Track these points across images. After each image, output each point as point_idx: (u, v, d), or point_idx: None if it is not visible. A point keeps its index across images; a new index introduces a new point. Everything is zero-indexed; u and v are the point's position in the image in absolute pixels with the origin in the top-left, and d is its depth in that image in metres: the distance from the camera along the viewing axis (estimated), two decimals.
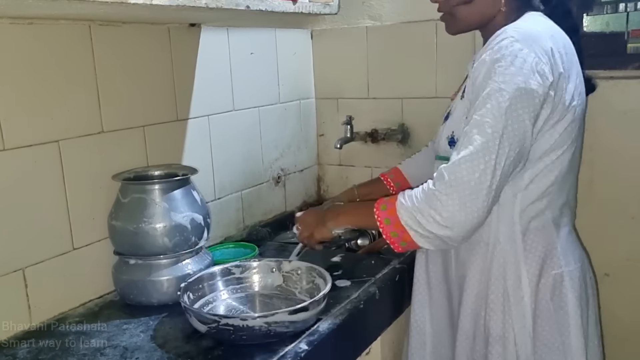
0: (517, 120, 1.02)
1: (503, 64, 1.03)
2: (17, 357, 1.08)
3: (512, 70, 1.02)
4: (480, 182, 1.01)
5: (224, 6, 1.14)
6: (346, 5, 1.80)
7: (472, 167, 1.01)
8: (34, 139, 1.19)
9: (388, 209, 1.10)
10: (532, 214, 1.14)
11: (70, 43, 1.24)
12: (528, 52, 1.03)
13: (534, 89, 1.02)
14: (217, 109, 1.66)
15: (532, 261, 1.15)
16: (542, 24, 1.12)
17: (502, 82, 1.02)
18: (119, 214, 1.26)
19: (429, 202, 1.04)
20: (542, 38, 1.07)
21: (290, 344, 1.06)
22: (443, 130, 1.21)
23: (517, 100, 1.02)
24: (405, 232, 1.07)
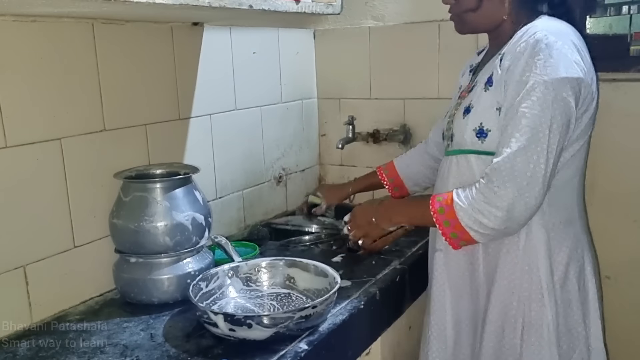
0: (564, 107, 1.07)
1: (542, 56, 1.07)
2: (17, 355, 1.08)
3: (551, 61, 1.06)
4: (536, 172, 1.06)
5: (227, 5, 1.14)
6: (349, 5, 1.80)
7: (526, 159, 1.06)
8: (36, 136, 1.19)
9: (446, 212, 1.14)
10: (559, 206, 1.18)
11: (73, 41, 1.24)
12: (562, 44, 1.08)
13: (574, 77, 1.08)
14: (219, 108, 1.66)
15: (560, 251, 1.19)
16: (565, 25, 1.16)
17: (545, 74, 1.06)
18: (120, 212, 1.26)
19: (487, 199, 1.09)
20: (570, 35, 1.12)
21: (290, 344, 1.06)
22: (467, 123, 1.20)
23: (561, 89, 1.06)
24: (466, 232, 1.12)
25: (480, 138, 1.17)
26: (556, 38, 1.08)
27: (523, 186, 1.06)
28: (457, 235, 1.14)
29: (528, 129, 1.06)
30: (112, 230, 1.29)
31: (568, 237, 1.20)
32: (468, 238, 1.14)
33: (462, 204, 1.11)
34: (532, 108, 1.06)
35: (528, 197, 1.07)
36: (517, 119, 1.08)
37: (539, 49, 1.07)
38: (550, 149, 1.07)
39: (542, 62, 1.07)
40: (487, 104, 1.17)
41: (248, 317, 1.05)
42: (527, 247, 1.18)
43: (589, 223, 1.63)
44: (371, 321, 1.30)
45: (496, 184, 1.07)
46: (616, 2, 1.55)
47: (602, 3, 1.58)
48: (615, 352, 1.67)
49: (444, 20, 1.70)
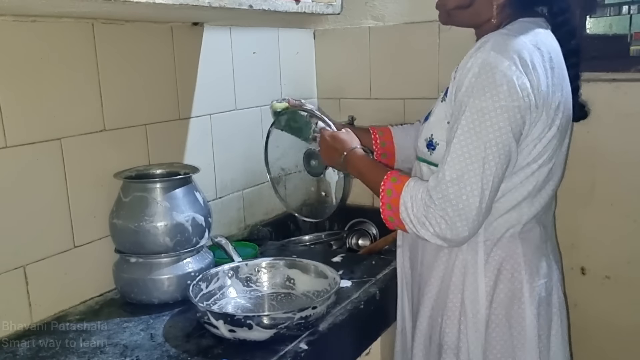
0: (501, 138, 1.02)
1: (484, 78, 1.02)
2: (17, 355, 1.08)
3: (493, 85, 1.01)
4: (469, 203, 1.03)
5: (227, 5, 1.14)
6: (349, 5, 1.80)
7: (459, 190, 1.03)
8: (36, 136, 1.19)
9: (392, 197, 1.12)
10: (498, 226, 1.13)
11: (73, 41, 1.24)
12: (509, 65, 1.01)
13: (515, 105, 1.01)
14: (219, 108, 1.66)
15: (491, 273, 1.14)
16: (530, 34, 1.08)
17: (483, 100, 1.01)
18: (120, 212, 1.26)
19: (424, 215, 1.06)
20: (524, 51, 1.04)
21: (290, 344, 1.06)
22: (422, 132, 1.19)
23: (499, 118, 1.01)
24: (402, 224, 1.12)
25: (429, 149, 1.15)
26: (504, 57, 1.01)
27: (455, 216, 1.03)
28: (393, 220, 1.13)
29: (462, 159, 1.02)
30: (112, 230, 1.29)
31: (501, 258, 1.14)
32: (402, 227, 1.12)
33: (407, 201, 1.09)
34: (467, 136, 1.02)
35: (459, 227, 1.03)
36: (453, 145, 1.04)
37: (482, 71, 1.02)
38: (486, 180, 1.02)
39: (482, 86, 1.01)
40: (440, 115, 1.14)
41: (248, 317, 1.05)
42: (457, 265, 1.15)
43: (588, 223, 1.64)
44: (371, 321, 1.30)
45: (431, 205, 1.05)
46: (616, 2, 1.56)
47: (602, 3, 1.58)
48: (615, 352, 1.68)
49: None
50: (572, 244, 1.66)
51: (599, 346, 1.68)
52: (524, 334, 1.14)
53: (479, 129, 1.02)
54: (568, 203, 1.61)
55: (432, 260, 1.20)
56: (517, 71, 1.01)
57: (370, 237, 1.90)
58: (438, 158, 1.11)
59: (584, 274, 1.69)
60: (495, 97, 1.01)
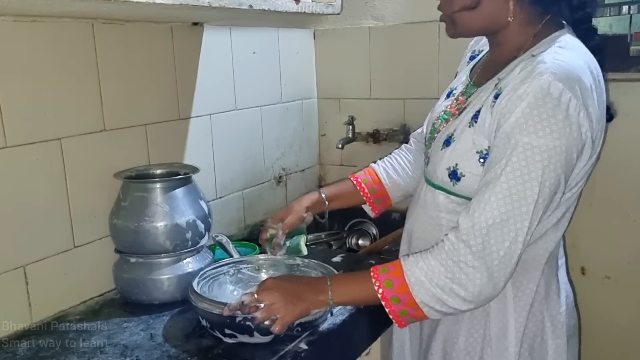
0: (554, 179, 0.91)
1: (543, 111, 0.89)
2: (17, 355, 1.08)
3: (551, 122, 0.89)
4: (511, 251, 0.92)
5: (226, 5, 1.14)
6: (349, 5, 1.80)
7: (502, 236, 0.91)
8: (36, 136, 1.19)
9: (396, 286, 0.97)
10: (526, 257, 1.00)
11: (73, 41, 1.24)
12: (571, 98, 0.89)
13: (572, 145, 0.91)
14: (219, 108, 1.66)
15: (521, 308, 1.04)
16: (582, 54, 0.97)
17: (541, 136, 0.89)
18: (120, 212, 1.26)
19: (452, 276, 0.93)
20: (584, 75, 0.92)
21: (290, 344, 1.06)
22: (443, 158, 1.05)
23: (555, 160, 0.90)
24: (420, 310, 0.97)
25: (452, 179, 1.03)
26: (565, 86, 0.89)
27: (494, 266, 0.92)
28: (407, 313, 0.98)
29: (509, 201, 0.90)
30: (112, 231, 1.29)
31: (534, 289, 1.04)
32: (420, 315, 0.98)
33: (419, 277, 0.95)
34: (517, 176, 0.90)
35: (497, 278, 0.92)
36: (498, 184, 0.91)
37: (540, 102, 0.89)
38: (532, 224, 0.92)
39: (540, 120, 0.89)
40: (468, 143, 1.00)
41: (247, 318, 1.04)
42: None
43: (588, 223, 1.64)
44: (371, 321, 1.30)
45: (463, 259, 0.92)
46: (616, 2, 1.56)
47: (602, 3, 1.58)
48: (615, 352, 1.68)
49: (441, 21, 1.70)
50: (572, 244, 1.66)
51: (599, 346, 1.68)
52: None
53: (532, 168, 0.89)
54: None
55: None
56: (577, 104, 0.90)
57: (370, 237, 1.90)
58: (463, 190, 1.01)
59: (584, 274, 1.69)
60: (555, 135, 0.89)
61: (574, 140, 0.91)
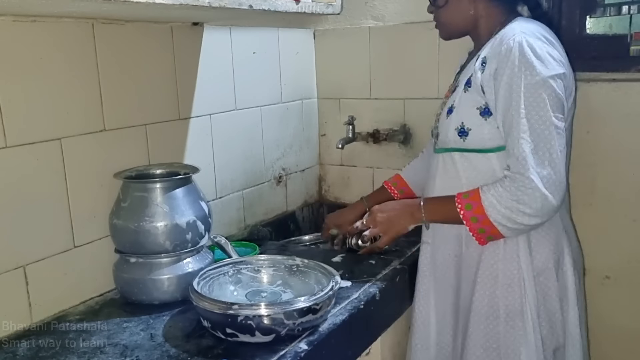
0: (558, 101, 1.15)
1: (528, 58, 1.14)
2: (17, 355, 1.08)
3: (537, 62, 1.13)
4: (553, 168, 1.13)
5: (227, 5, 1.14)
6: (349, 5, 1.80)
7: (540, 159, 1.13)
8: (36, 136, 1.19)
9: (474, 208, 1.19)
10: None
11: (73, 41, 1.24)
12: (542, 44, 1.16)
13: (560, 72, 1.16)
14: (219, 108, 1.66)
15: (541, 244, 1.25)
16: (537, 23, 1.24)
17: (535, 74, 1.13)
18: (120, 212, 1.26)
19: (517, 198, 1.15)
20: (544, 34, 1.20)
21: (290, 344, 1.06)
22: (450, 123, 1.27)
23: (552, 85, 1.14)
24: (494, 227, 1.18)
25: (462, 137, 1.25)
26: (535, 39, 1.16)
27: (545, 185, 1.13)
28: (484, 231, 1.20)
29: (533, 130, 1.13)
30: (112, 231, 1.29)
31: (548, 234, 1.26)
32: (496, 233, 1.19)
33: (492, 200, 1.17)
34: (531, 109, 1.14)
35: (552, 192, 1.13)
36: (520, 121, 1.14)
37: (523, 52, 1.14)
38: (559, 142, 1.14)
39: (529, 64, 1.13)
40: (467, 104, 1.24)
41: (248, 317, 1.05)
42: (509, 240, 1.23)
43: (588, 222, 1.64)
44: (371, 321, 1.30)
45: (522, 184, 1.14)
46: (616, 2, 1.56)
47: (602, 3, 1.58)
48: (615, 352, 1.68)
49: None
50: None
51: (599, 346, 1.67)
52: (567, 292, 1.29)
53: (539, 100, 1.13)
54: None
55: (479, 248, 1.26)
56: (549, 47, 1.17)
57: None
58: (471, 143, 1.24)
59: (584, 274, 1.69)
60: (544, 70, 1.13)
61: (553, 69, 1.15)
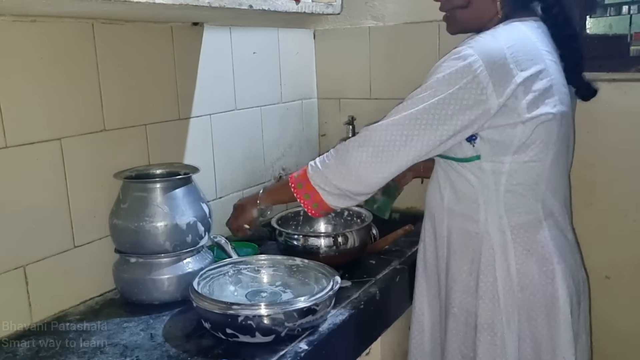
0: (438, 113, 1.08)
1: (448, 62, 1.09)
2: (17, 355, 1.08)
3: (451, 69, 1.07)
4: (389, 148, 1.11)
5: (227, 5, 1.14)
6: (349, 5, 1.80)
7: (387, 132, 1.12)
8: (36, 136, 1.19)
9: (300, 175, 1.21)
10: (519, 211, 1.17)
11: (73, 41, 1.24)
12: (477, 60, 1.06)
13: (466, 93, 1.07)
14: (219, 108, 1.66)
15: (521, 255, 1.17)
16: (509, 34, 1.12)
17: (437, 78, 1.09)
18: (120, 212, 1.26)
19: (338, 156, 1.16)
20: (496, 49, 1.07)
21: (290, 344, 1.06)
22: None
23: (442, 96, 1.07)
24: (316, 192, 1.18)
25: None
26: (475, 51, 1.07)
27: (374, 154, 1.12)
28: (309, 196, 1.19)
29: (400, 111, 1.11)
30: (112, 231, 1.29)
31: (530, 241, 1.17)
32: (318, 198, 1.18)
33: (314, 164, 1.19)
34: (414, 96, 1.11)
35: (374, 166, 1.12)
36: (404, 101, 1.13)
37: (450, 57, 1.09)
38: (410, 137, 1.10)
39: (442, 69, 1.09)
40: None
41: (248, 317, 1.05)
42: (485, 246, 1.18)
43: (588, 223, 1.64)
44: (371, 321, 1.30)
45: (352, 144, 1.14)
46: (616, 2, 1.56)
47: (602, 3, 1.58)
48: (615, 352, 1.68)
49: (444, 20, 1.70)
50: None
51: (599, 346, 1.67)
52: (558, 312, 1.17)
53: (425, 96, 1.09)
54: None
55: (459, 246, 1.23)
56: (480, 66, 1.06)
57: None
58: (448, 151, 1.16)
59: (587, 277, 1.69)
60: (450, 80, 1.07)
61: (469, 90, 1.06)
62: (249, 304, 1.17)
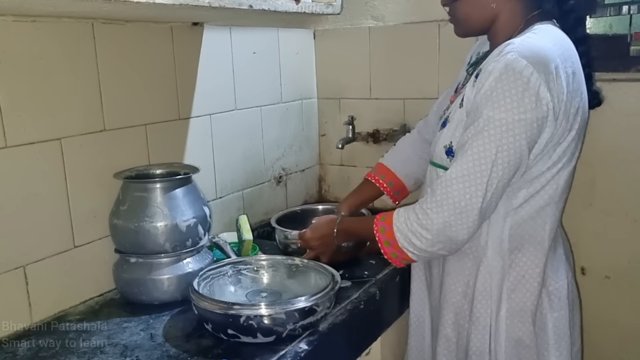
0: (514, 145, 1.03)
1: (506, 83, 1.01)
2: (17, 355, 1.08)
3: (512, 93, 1.01)
4: (471, 203, 1.05)
5: (226, 5, 1.14)
6: (349, 5, 1.80)
7: (463, 189, 1.05)
8: (36, 136, 1.19)
9: (387, 232, 1.15)
10: (523, 233, 1.14)
11: (73, 41, 1.24)
12: (532, 72, 1.00)
13: (535, 116, 1.02)
14: (219, 108, 1.66)
15: (515, 280, 1.15)
16: (553, 38, 1.08)
17: (501, 110, 1.02)
18: (120, 212, 1.26)
19: (419, 221, 1.09)
20: (549, 56, 1.03)
21: (290, 344, 1.06)
22: (440, 138, 1.18)
23: (513, 129, 1.02)
24: (404, 252, 1.13)
25: (448, 156, 1.14)
26: (529, 62, 1.01)
27: (454, 214, 1.05)
28: (397, 255, 1.16)
29: (471, 159, 1.04)
30: (112, 231, 1.29)
31: (527, 266, 1.15)
32: (407, 257, 1.15)
33: (399, 225, 1.13)
34: (480, 141, 1.04)
35: (460, 225, 1.06)
36: (465, 148, 1.06)
37: (504, 75, 1.01)
38: (491, 182, 1.04)
39: (503, 92, 1.01)
40: (459, 122, 1.13)
41: (249, 317, 1.05)
42: (481, 271, 1.16)
43: (588, 223, 1.64)
44: (371, 321, 1.30)
45: (429, 206, 1.08)
46: (616, 2, 1.56)
47: (602, 3, 1.58)
48: (615, 352, 1.68)
49: (444, 20, 1.70)
50: (573, 243, 1.65)
51: (599, 346, 1.68)
52: (547, 339, 1.16)
53: (493, 132, 1.02)
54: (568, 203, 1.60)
55: (455, 266, 1.20)
56: (539, 79, 1.00)
57: None
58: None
59: (584, 274, 1.69)
60: (515, 107, 1.01)
61: (532, 111, 1.02)
62: (250, 304, 1.17)
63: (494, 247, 1.14)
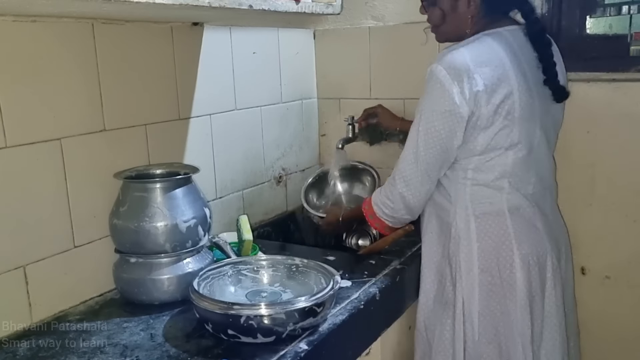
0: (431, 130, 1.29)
1: (428, 85, 1.28)
2: (17, 355, 1.08)
3: (433, 94, 1.27)
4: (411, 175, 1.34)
5: (226, 5, 1.14)
6: (349, 5, 1.80)
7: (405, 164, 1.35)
8: (36, 136, 1.19)
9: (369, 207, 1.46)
10: (483, 201, 1.33)
11: (73, 41, 1.24)
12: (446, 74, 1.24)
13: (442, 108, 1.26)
14: (219, 108, 1.66)
15: (483, 241, 1.33)
16: (474, 48, 1.28)
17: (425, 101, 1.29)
18: (120, 212, 1.26)
19: (386, 194, 1.41)
20: (462, 64, 1.24)
21: (290, 344, 1.07)
22: None
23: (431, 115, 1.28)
24: (381, 220, 1.44)
25: None
26: (444, 67, 1.25)
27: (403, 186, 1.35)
28: (378, 224, 1.46)
29: (408, 143, 1.34)
30: (112, 231, 1.29)
31: (492, 229, 1.32)
32: (385, 224, 1.44)
33: (375, 199, 1.44)
34: (413, 129, 1.32)
35: (410, 194, 1.36)
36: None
37: (428, 79, 1.28)
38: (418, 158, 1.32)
39: (425, 93, 1.29)
40: None
41: (249, 317, 1.05)
42: (453, 234, 1.36)
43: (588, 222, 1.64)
44: (371, 321, 1.30)
45: (391, 182, 1.39)
46: (616, 2, 1.56)
47: (602, 3, 1.58)
48: (615, 352, 1.68)
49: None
50: (573, 244, 1.66)
51: (599, 346, 1.68)
52: (515, 293, 1.31)
53: (417, 122, 1.31)
54: (568, 203, 1.61)
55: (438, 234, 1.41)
56: (451, 79, 1.24)
57: (370, 237, 1.89)
58: None
59: (584, 274, 1.69)
60: (433, 103, 1.28)
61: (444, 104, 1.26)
62: (250, 304, 1.17)
63: (460, 213, 1.34)
